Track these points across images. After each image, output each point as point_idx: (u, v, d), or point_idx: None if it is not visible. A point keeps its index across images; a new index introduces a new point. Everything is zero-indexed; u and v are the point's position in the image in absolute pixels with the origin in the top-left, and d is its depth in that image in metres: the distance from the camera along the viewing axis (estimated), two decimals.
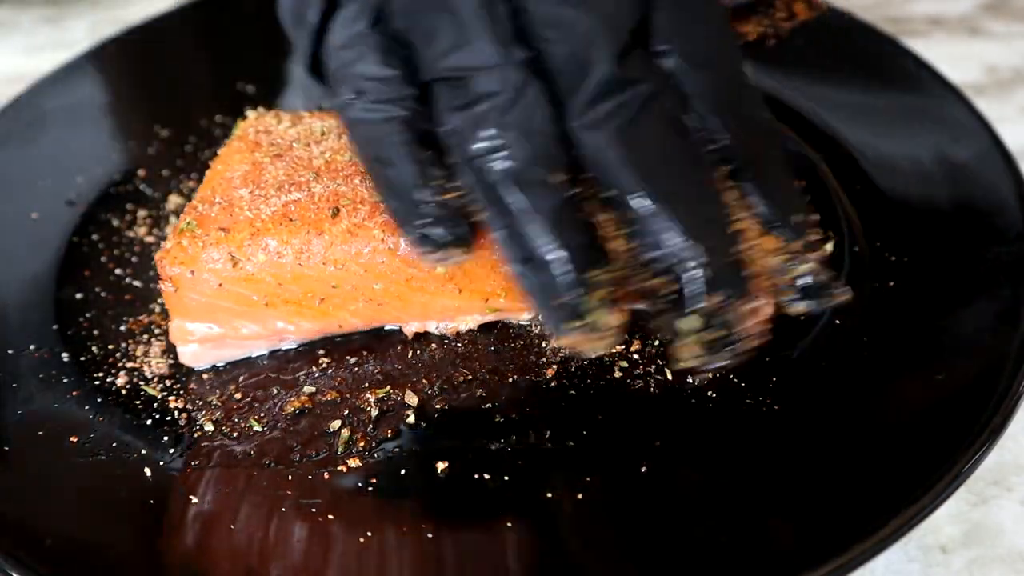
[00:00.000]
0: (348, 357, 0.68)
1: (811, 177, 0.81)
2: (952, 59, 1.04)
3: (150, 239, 0.79)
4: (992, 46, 1.09)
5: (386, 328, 0.70)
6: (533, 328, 0.70)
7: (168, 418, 0.64)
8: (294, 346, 0.69)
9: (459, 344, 0.69)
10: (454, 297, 0.67)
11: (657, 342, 0.68)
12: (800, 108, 0.87)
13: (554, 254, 0.49)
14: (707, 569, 0.54)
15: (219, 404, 0.65)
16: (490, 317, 0.70)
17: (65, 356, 0.68)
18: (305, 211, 0.65)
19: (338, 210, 0.64)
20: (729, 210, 0.52)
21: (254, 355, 0.69)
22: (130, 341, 0.70)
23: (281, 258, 0.64)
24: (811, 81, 0.89)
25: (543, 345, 0.68)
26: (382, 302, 0.67)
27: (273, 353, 0.69)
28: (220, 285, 0.64)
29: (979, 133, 0.79)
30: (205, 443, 0.63)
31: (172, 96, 0.94)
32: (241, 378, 0.67)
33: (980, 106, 0.82)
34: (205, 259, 0.63)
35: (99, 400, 0.65)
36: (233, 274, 0.64)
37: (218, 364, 0.68)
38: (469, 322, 0.69)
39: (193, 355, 0.67)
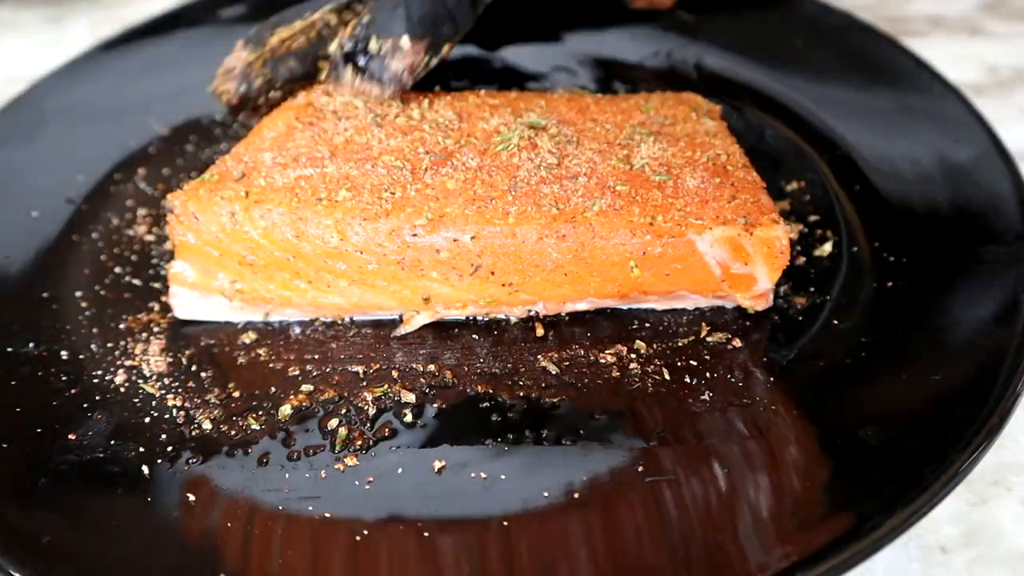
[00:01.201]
0: (346, 356, 0.69)
1: (811, 177, 0.81)
2: (952, 59, 1.04)
3: (150, 237, 0.79)
4: (992, 46, 1.09)
5: (384, 328, 0.70)
6: (531, 327, 0.70)
7: (167, 416, 0.64)
8: (295, 332, 0.70)
9: (457, 344, 0.69)
10: (446, 283, 0.67)
11: (656, 343, 0.68)
12: (800, 108, 0.87)
13: None
14: (705, 569, 0.54)
15: (217, 402, 0.65)
16: (484, 311, 0.70)
17: (64, 354, 0.68)
18: (312, 188, 0.67)
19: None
20: None
21: (240, 323, 0.71)
22: (129, 339, 0.70)
23: (278, 228, 0.66)
24: (811, 81, 0.89)
25: (541, 345, 0.69)
26: (374, 284, 0.67)
27: (272, 351, 0.69)
28: (219, 239, 0.67)
29: (979, 133, 0.79)
30: (203, 441, 0.63)
31: (172, 96, 0.94)
32: (240, 376, 0.67)
33: (980, 106, 0.82)
34: (215, 210, 0.67)
35: (97, 398, 0.65)
36: (234, 229, 0.67)
37: (206, 319, 0.70)
38: (459, 314, 0.70)
39: (183, 304, 0.70)
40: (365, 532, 0.57)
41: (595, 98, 0.79)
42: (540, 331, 0.70)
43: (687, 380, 0.65)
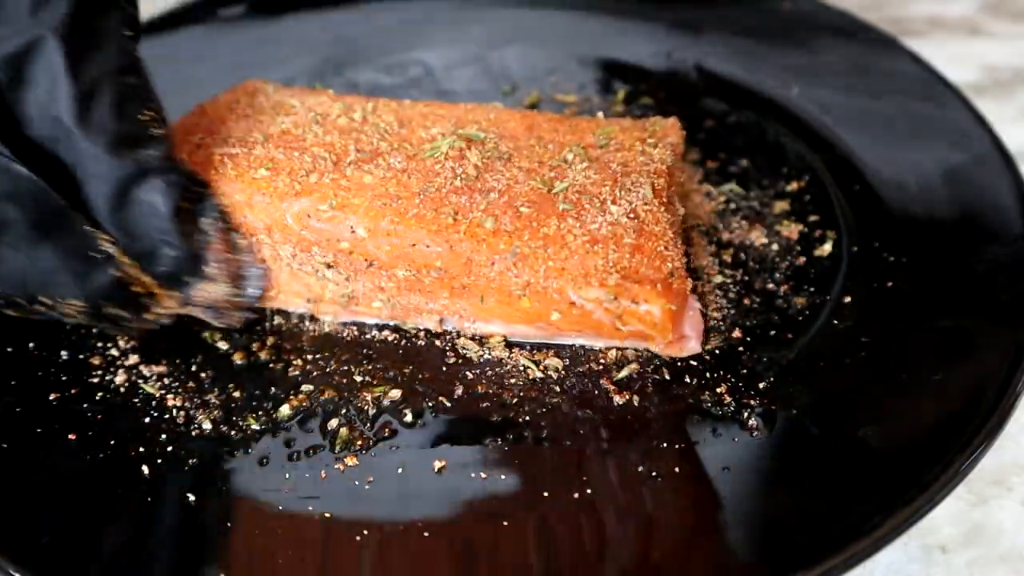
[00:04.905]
0: (346, 356, 0.68)
1: (811, 177, 0.81)
2: (952, 59, 1.04)
3: None
4: (992, 46, 1.09)
5: (384, 329, 0.70)
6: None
7: (166, 416, 0.64)
8: (295, 332, 0.70)
9: (457, 344, 0.69)
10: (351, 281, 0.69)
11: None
12: (800, 109, 0.87)
13: None
14: (705, 569, 0.54)
15: (217, 403, 0.65)
16: (390, 319, 0.70)
17: (64, 354, 0.68)
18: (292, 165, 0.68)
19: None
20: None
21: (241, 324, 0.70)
22: (129, 339, 0.70)
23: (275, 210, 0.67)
24: (811, 81, 0.89)
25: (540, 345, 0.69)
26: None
27: (272, 351, 0.69)
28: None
29: (979, 133, 0.79)
30: (203, 441, 0.63)
31: (172, 96, 0.93)
32: (240, 377, 0.67)
33: (980, 106, 0.82)
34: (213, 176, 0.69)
35: (98, 398, 0.65)
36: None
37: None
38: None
39: None
40: (365, 532, 0.57)
41: (549, 117, 0.75)
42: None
43: (687, 380, 0.65)
